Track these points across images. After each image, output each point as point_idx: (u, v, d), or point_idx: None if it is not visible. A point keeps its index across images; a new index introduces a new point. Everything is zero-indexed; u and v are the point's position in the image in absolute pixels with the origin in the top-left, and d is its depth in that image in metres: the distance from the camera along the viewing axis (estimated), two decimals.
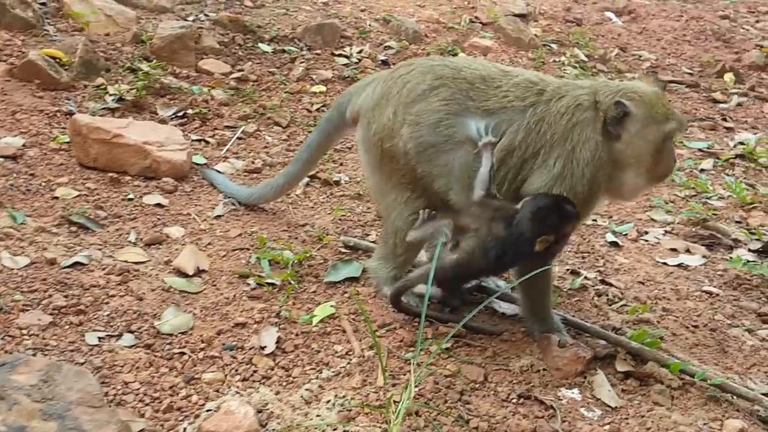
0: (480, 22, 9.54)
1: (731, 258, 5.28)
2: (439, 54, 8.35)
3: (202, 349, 3.77)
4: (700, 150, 7.47)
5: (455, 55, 8.42)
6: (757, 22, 12.12)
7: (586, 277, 4.81)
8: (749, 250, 5.41)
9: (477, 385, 3.72)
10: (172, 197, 5.20)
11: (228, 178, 5.49)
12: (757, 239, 5.57)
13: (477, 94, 4.02)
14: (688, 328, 4.45)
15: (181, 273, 4.34)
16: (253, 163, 5.87)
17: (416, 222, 4.09)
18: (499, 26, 9.30)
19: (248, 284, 4.32)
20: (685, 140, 7.65)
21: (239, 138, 6.25)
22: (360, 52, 8.08)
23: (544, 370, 3.86)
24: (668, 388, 3.79)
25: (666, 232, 5.68)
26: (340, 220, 5.23)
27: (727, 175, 6.95)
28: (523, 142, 3.90)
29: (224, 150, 6.02)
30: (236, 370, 3.65)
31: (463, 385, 3.68)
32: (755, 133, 8.16)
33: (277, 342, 3.84)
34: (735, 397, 3.78)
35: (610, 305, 4.58)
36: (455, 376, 3.71)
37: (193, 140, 6.08)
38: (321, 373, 3.67)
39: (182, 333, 3.86)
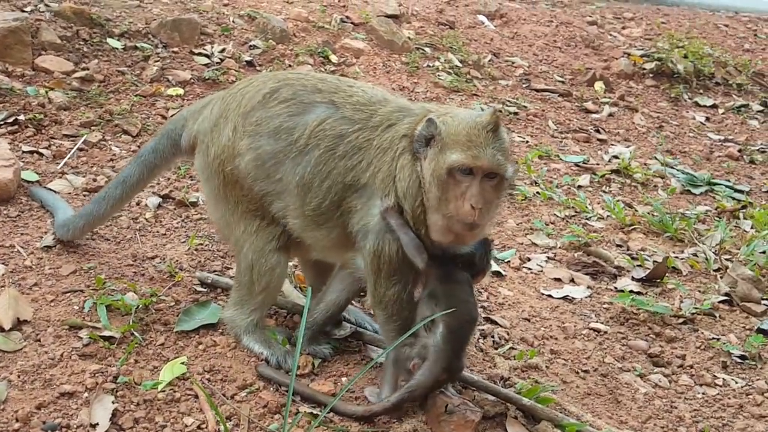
0: (351, 22, 9.03)
1: (616, 289, 5.04)
2: (308, 55, 7.80)
3: (15, 431, 3.04)
4: (576, 164, 7.30)
5: (326, 57, 7.88)
6: (624, 28, 12.28)
7: None
8: (633, 279, 5.19)
9: None
10: None
11: (61, 198, 4.68)
12: (640, 266, 5.37)
13: (327, 86, 3.59)
14: (578, 373, 4.12)
15: None
16: (95, 180, 5.09)
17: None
18: (371, 27, 8.82)
19: (80, 338, 3.62)
20: (561, 154, 7.46)
21: (80, 149, 5.46)
22: (222, 51, 7.38)
23: None
24: None
25: (548, 258, 5.38)
26: (196, 250, 4.58)
27: (604, 192, 6.80)
28: (342, 160, 3.43)
29: (61, 164, 5.21)
30: None
31: None
32: (628, 146, 8.11)
33: (112, 416, 3.16)
34: None
35: (496, 348, 4.18)
36: None
37: (24, 152, 5.24)
38: None
39: None
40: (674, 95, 10.00)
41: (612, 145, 8.09)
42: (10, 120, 5.50)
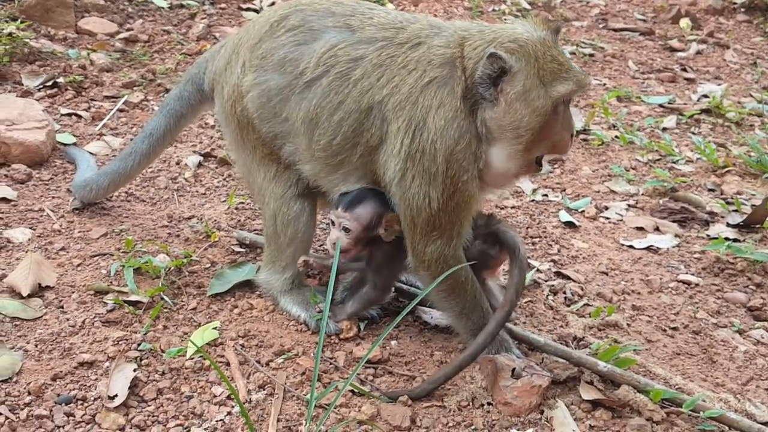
0: None
1: (708, 237, 4.43)
2: None
3: (27, 405, 2.75)
4: (660, 106, 6.62)
5: (383, 5, 7.39)
6: None
7: (537, 270, 3.91)
8: (728, 225, 4.57)
9: None
10: (23, 189, 4.14)
11: (88, 158, 4.38)
12: (736, 210, 4.73)
13: (342, 9, 3.14)
14: (665, 331, 3.58)
15: (15, 293, 3.30)
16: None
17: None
18: None
19: (105, 303, 3.32)
20: (643, 95, 6.80)
21: (121, 110, 5.18)
22: (272, 4, 6.99)
23: (489, 404, 2.95)
24: (649, 422, 2.90)
25: (629, 206, 4.80)
26: (236, 209, 4.23)
27: (693, 133, 6.12)
28: (358, 84, 2.97)
29: (100, 125, 4.94)
30: None
31: None
32: (719, 84, 7.36)
33: (132, 387, 2.85)
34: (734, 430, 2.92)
35: (568, 306, 3.69)
36: (372, 424, 2.78)
37: (62, 114, 4.99)
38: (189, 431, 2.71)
39: (4, 381, 2.83)
40: None
41: (701, 83, 7.35)
42: (50, 83, 5.27)
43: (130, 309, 3.27)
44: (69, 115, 5.01)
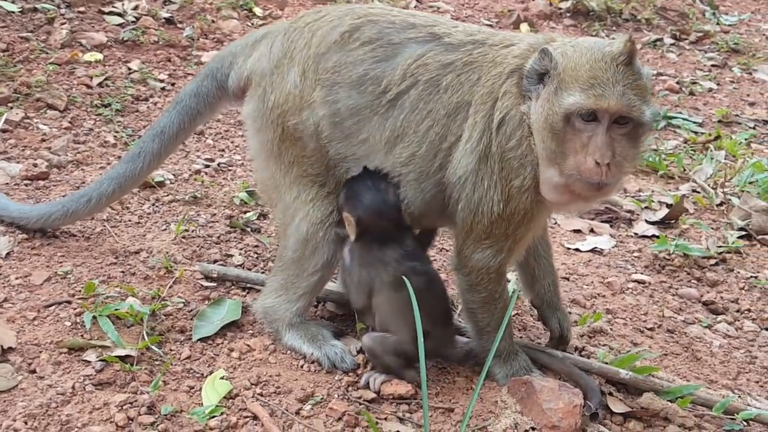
0: None
1: (636, 235, 4.68)
2: (231, 8, 6.96)
3: None
4: None
5: (250, 9, 7.08)
6: None
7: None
8: (647, 222, 4.85)
9: None
10: None
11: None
12: (648, 208, 5.02)
13: (420, 20, 2.98)
14: (643, 332, 3.72)
15: None
16: (35, 165, 4.18)
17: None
18: None
19: (87, 362, 2.85)
20: None
21: (3, 131, 4.50)
22: (136, 8, 6.42)
23: (533, 429, 2.89)
24: (683, 429, 2.99)
25: None
26: (183, 238, 3.82)
27: None
28: (449, 89, 2.85)
29: None
30: None
31: None
32: None
33: None
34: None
35: None
36: None
37: None
38: None
39: None
40: (594, 33, 9.81)
41: None
42: None
43: (121, 365, 2.84)
44: None
